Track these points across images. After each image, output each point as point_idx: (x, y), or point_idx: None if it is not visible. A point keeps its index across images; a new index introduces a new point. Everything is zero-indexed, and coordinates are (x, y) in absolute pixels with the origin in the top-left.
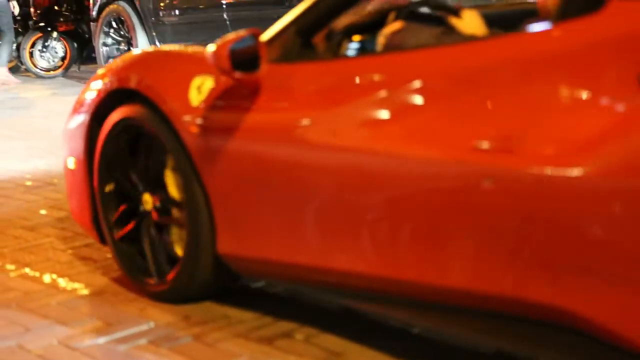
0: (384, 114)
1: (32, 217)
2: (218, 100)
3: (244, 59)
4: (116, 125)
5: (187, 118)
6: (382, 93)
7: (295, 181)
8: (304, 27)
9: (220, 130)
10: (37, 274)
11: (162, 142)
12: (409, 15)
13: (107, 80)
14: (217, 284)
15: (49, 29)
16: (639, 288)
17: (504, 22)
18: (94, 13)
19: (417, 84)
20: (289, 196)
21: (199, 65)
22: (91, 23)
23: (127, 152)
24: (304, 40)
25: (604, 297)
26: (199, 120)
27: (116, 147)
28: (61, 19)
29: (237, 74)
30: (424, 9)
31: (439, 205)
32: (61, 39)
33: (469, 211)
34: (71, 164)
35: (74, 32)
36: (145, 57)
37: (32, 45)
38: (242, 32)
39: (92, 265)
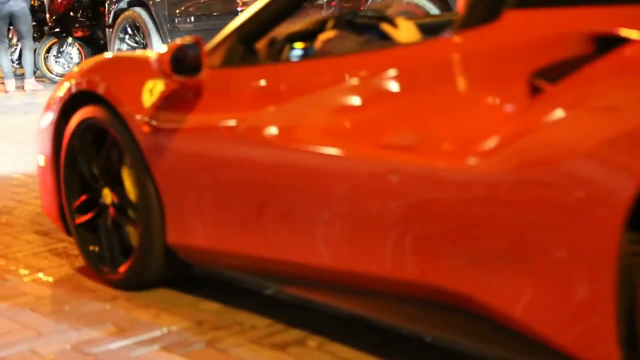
0: (309, 115)
1: (46, 222)
2: (166, 102)
3: (187, 64)
4: (79, 125)
5: (139, 118)
6: (308, 95)
7: (231, 176)
8: (246, 35)
9: (167, 129)
10: (50, 279)
11: (119, 140)
12: (345, 23)
13: (72, 82)
14: (168, 272)
15: (64, 34)
16: (527, 274)
17: (438, 31)
18: (110, 19)
19: (338, 87)
20: (227, 190)
21: (152, 69)
22: (106, 29)
23: (90, 149)
24: (247, 47)
25: (496, 282)
26: (149, 120)
27: (80, 144)
28: (76, 25)
29: (178, 78)
30: (361, 18)
31: (354, 199)
32: (76, 44)
33: (379, 204)
34: (41, 161)
35: (89, 37)
36: (105, 61)
37: (47, 51)
38: (184, 40)
39: None
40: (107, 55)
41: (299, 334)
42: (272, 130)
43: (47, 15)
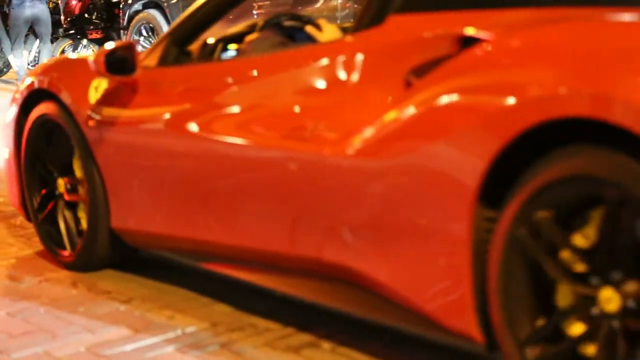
0: (224, 110)
1: None
2: (108, 99)
3: (122, 64)
4: (36, 120)
5: (85, 113)
6: (225, 92)
7: (161, 166)
8: (178, 38)
9: (108, 123)
10: (65, 281)
11: (70, 134)
12: (271, 26)
13: (31, 81)
14: (115, 255)
15: (79, 36)
16: (399, 249)
17: None
18: (124, 21)
19: (248, 85)
20: (158, 179)
21: None
22: (121, 31)
23: (45, 143)
24: (179, 49)
25: (375, 257)
26: (94, 115)
27: (36, 139)
28: (91, 27)
29: (112, 77)
30: (288, 21)
31: (261, 185)
32: (91, 46)
33: (281, 188)
34: (5, 154)
35: (103, 39)
36: (60, 62)
37: (62, 53)
38: (118, 43)
39: (120, 273)
40: (65, 56)
41: (312, 336)
42: (195, 123)
43: (62, 17)
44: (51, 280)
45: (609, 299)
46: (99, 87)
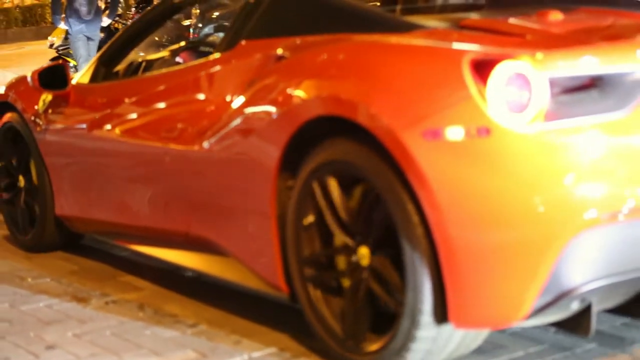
0: (127, 116)
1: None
2: (50, 109)
3: (56, 81)
4: (2, 128)
5: (36, 121)
6: (131, 102)
7: (85, 162)
8: (105, 59)
9: (51, 128)
10: (132, 303)
11: (25, 138)
12: (183, 49)
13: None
14: (61, 238)
15: None
16: (235, 221)
17: None
18: None
19: (147, 96)
20: (83, 172)
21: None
22: None
23: (10, 146)
24: (106, 68)
25: (222, 229)
26: (41, 122)
27: (2, 142)
28: None
29: (46, 92)
30: (200, 46)
31: (150, 175)
32: None
33: (161, 177)
34: None
35: None
36: (18, 80)
37: None
38: (52, 63)
39: (187, 296)
40: (24, 75)
41: None
42: (107, 127)
43: None
44: (118, 302)
45: (363, 255)
46: (45, 100)
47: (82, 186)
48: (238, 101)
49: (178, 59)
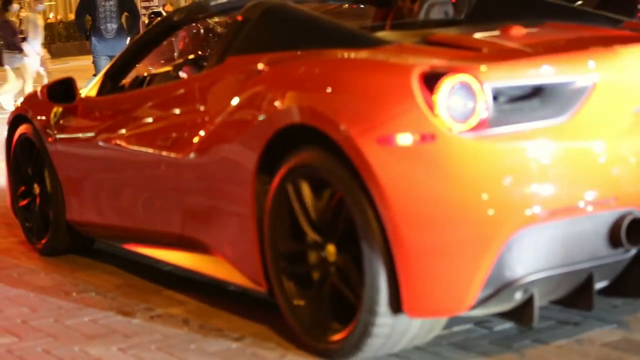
0: (131, 126)
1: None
2: (60, 120)
3: (64, 95)
4: (18, 138)
5: (47, 132)
6: (132, 115)
7: (93, 169)
8: (111, 73)
9: (61, 139)
10: (177, 317)
11: (39, 149)
12: (185, 64)
13: (15, 108)
14: (73, 242)
15: None
16: (222, 225)
17: None
18: None
19: (147, 108)
20: (93, 179)
21: None
22: None
23: (26, 156)
24: (112, 82)
25: (211, 231)
26: (52, 133)
27: (19, 153)
28: None
29: (54, 104)
30: (201, 61)
31: (151, 182)
32: None
33: (159, 182)
34: (2, 167)
35: None
36: (32, 94)
37: None
38: (60, 78)
39: (232, 310)
40: (37, 89)
41: None
42: (111, 136)
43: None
44: (163, 316)
45: (330, 252)
46: (56, 112)
47: (89, 193)
48: (223, 112)
49: (181, 74)
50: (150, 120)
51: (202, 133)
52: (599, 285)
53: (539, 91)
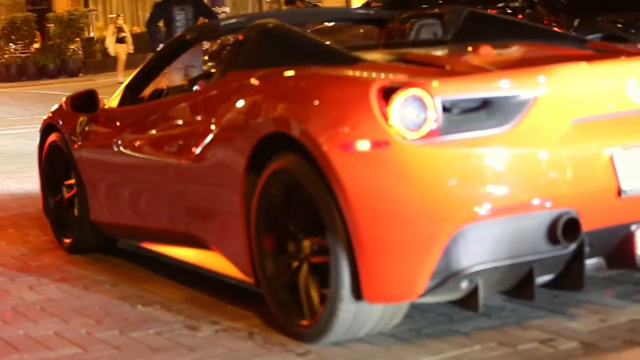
0: (142, 135)
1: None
2: (85, 129)
3: (86, 105)
4: (49, 145)
5: (73, 140)
6: (146, 124)
7: (113, 174)
8: (132, 86)
9: (84, 145)
10: (241, 331)
11: (66, 155)
12: (200, 77)
13: (46, 117)
14: (97, 242)
15: None
16: (217, 224)
17: None
18: None
19: (159, 118)
20: (112, 183)
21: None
22: None
23: (55, 161)
24: (132, 94)
25: (207, 230)
26: (77, 141)
27: (49, 159)
28: None
29: (77, 114)
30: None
31: (160, 185)
32: None
33: (167, 185)
34: (37, 172)
35: None
36: (61, 104)
37: None
38: (84, 89)
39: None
40: (60, 101)
41: None
42: (128, 143)
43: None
44: (228, 330)
45: (305, 246)
46: (82, 121)
47: (109, 195)
48: (221, 121)
49: (196, 87)
50: (160, 129)
51: (202, 140)
52: (544, 278)
53: (485, 103)
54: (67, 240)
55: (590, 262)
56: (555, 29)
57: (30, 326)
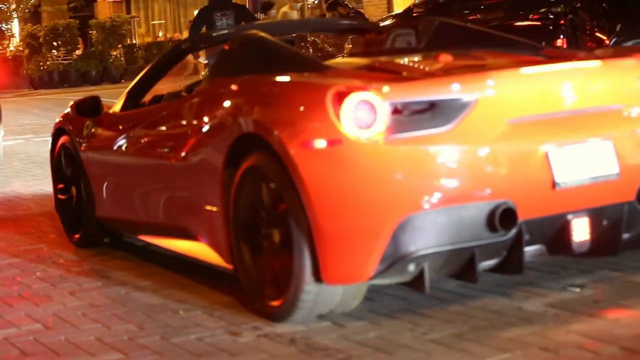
0: (139, 137)
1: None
2: (90, 132)
3: (91, 110)
4: (60, 147)
5: (80, 142)
6: (143, 127)
7: (114, 173)
8: (133, 92)
9: (89, 147)
10: (283, 337)
11: (74, 155)
12: (197, 84)
13: (56, 123)
14: (103, 236)
15: None
16: (200, 215)
17: None
18: None
19: (154, 121)
20: (113, 181)
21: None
22: None
23: (65, 162)
24: (133, 99)
25: (193, 221)
26: (83, 143)
27: (60, 160)
28: None
29: (82, 118)
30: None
31: (153, 181)
32: None
33: (160, 182)
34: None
35: None
36: (66, 112)
37: None
38: (88, 95)
39: (338, 329)
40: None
41: None
42: (126, 145)
43: None
44: (269, 335)
45: (275, 234)
46: (88, 125)
47: (110, 192)
48: (205, 123)
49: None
50: (154, 131)
51: (189, 141)
52: (487, 263)
53: (432, 105)
54: (76, 236)
55: (531, 249)
56: (599, 34)
57: (72, 332)
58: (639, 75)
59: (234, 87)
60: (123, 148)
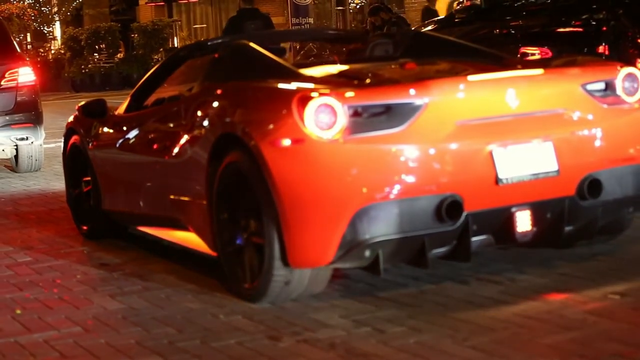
0: (138, 137)
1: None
2: (97, 132)
3: (96, 111)
4: (70, 146)
5: (88, 140)
6: (142, 128)
7: (119, 169)
8: (136, 94)
9: (96, 146)
10: (323, 342)
11: (84, 154)
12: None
13: (67, 124)
14: (110, 228)
15: None
16: (191, 207)
17: None
18: None
19: (154, 121)
20: (116, 176)
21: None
22: None
23: (75, 160)
24: (136, 102)
25: (185, 212)
26: (91, 142)
27: (71, 158)
28: None
29: (88, 119)
30: None
31: (150, 177)
32: None
33: (156, 178)
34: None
35: None
36: (76, 113)
37: None
38: (93, 98)
39: (379, 335)
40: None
41: None
42: (127, 144)
43: None
44: (309, 340)
45: (251, 224)
46: (96, 125)
47: (114, 187)
48: (194, 124)
49: None
50: (151, 131)
51: (180, 140)
52: (438, 251)
53: (387, 108)
54: (84, 228)
55: (479, 239)
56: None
57: (112, 335)
58: (580, 83)
59: (219, 91)
60: (125, 147)
